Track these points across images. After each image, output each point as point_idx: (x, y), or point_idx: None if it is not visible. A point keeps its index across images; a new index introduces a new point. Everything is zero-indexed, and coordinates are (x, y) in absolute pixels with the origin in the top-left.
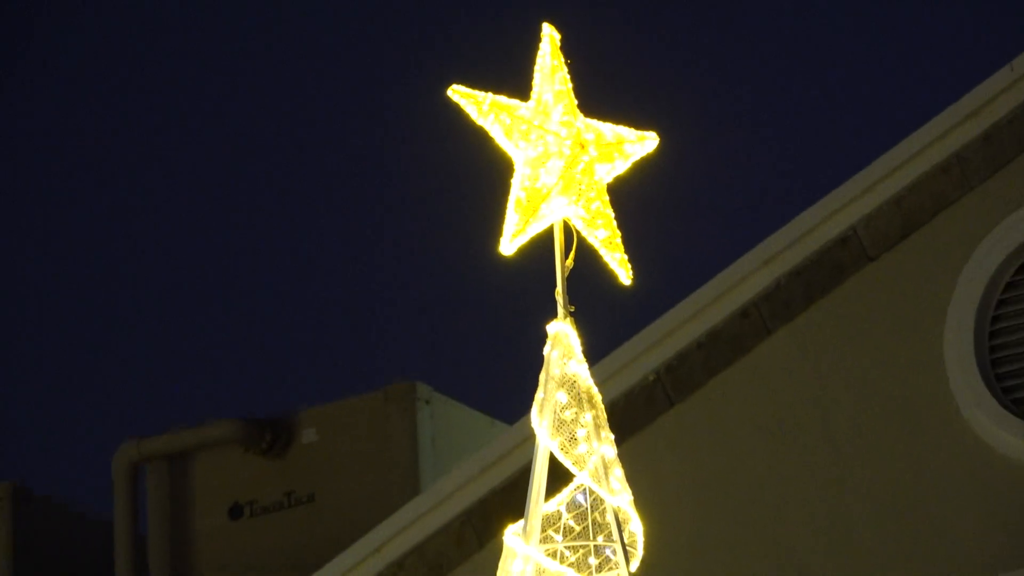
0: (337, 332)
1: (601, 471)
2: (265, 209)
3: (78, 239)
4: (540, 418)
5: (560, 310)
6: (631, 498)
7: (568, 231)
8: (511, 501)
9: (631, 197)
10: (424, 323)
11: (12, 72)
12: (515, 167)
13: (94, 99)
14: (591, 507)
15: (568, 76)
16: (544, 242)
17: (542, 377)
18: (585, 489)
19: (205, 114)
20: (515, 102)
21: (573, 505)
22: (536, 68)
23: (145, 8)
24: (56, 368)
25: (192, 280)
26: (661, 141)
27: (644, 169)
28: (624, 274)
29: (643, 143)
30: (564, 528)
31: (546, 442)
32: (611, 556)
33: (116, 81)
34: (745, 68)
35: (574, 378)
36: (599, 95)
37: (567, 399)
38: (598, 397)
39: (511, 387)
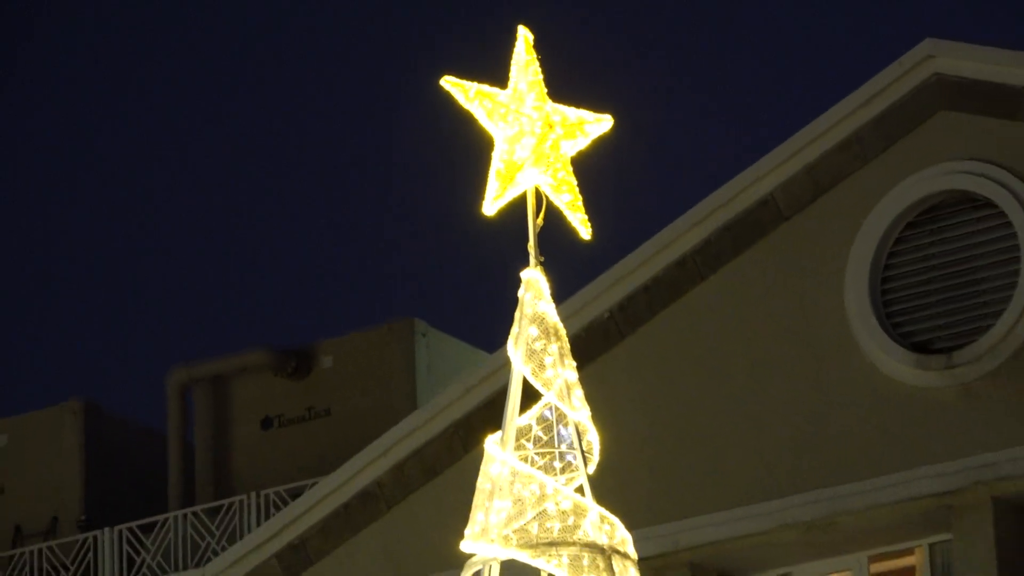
0: (350, 278)
1: (565, 392)
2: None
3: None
4: (515, 348)
5: (532, 260)
6: (589, 413)
7: (538, 195)
8: (491, 416)
9: (590, 167)
10: (421, 270)
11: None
12: (495, 143)
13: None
14: (556, 421)
15: (539, 69)
16: (519, 204)
17: (517, 315)
18: (551, 406)
19: (249, 81)
20: (495, 90)
21: (542, 419)
22: (512, 62)
23: None
24: (121, 304)
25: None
26: (615, 122)
27: (601, 145)
28: (584, 230)
29: (600, 123)
30: (534, 438)
31: (520, 368)
32: (572, 461)
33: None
34: (683, 61)
35: (543, 315)
36: (564, 84)
37: (537, 332)
38: (562, 331)
39: (492, 323)
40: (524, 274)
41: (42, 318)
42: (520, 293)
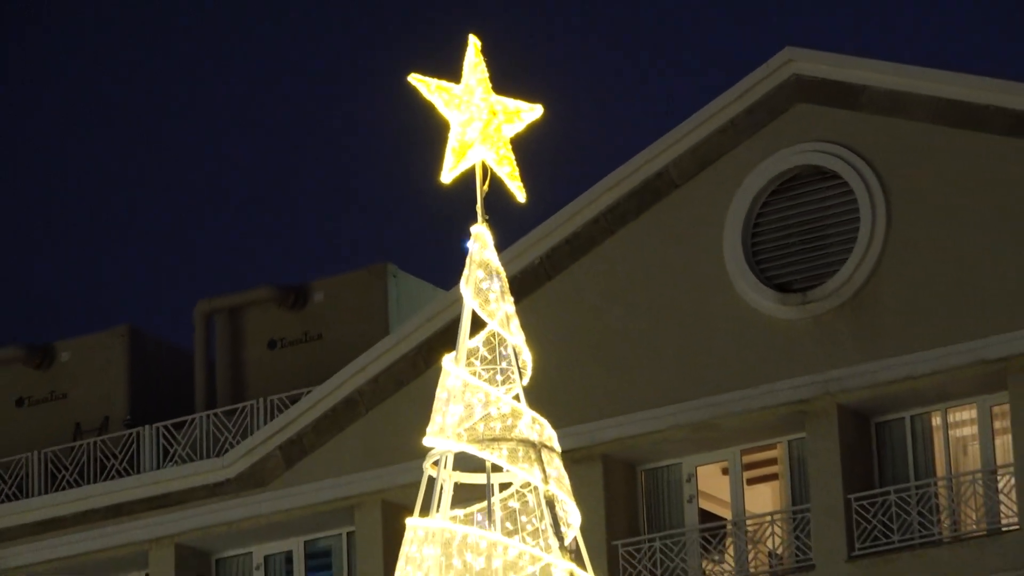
0: (338, 231)
1: (505, 321)
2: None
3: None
4: (466, 287)
5: (479, 217)
6: (523, 338)
7: (484, 167)
8: (447, 339)
9: (525, 145)
10: (393, 224)
11: None
12: (451, 126)
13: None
14: (498, 344)
15: (485, 68)
16: (469, 174)
17: (467, 260)
18: (495, 333)
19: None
20: (451, 85)
21: (487, 343)
22: (465, 63)
23: None
24: (159, 250)
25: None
26: (544, 110)
27: (533, 128)
28: (520, 195)
29: (532, 111)
30: (481, 357)
31: (470, 302)
32: (510, 375)
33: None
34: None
35: (488, 261)
36: (505, 80)
37: (483, 274)
38: (503, 273)
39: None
40: (473, 229)
41: (98, 261)
42: (469, 243)
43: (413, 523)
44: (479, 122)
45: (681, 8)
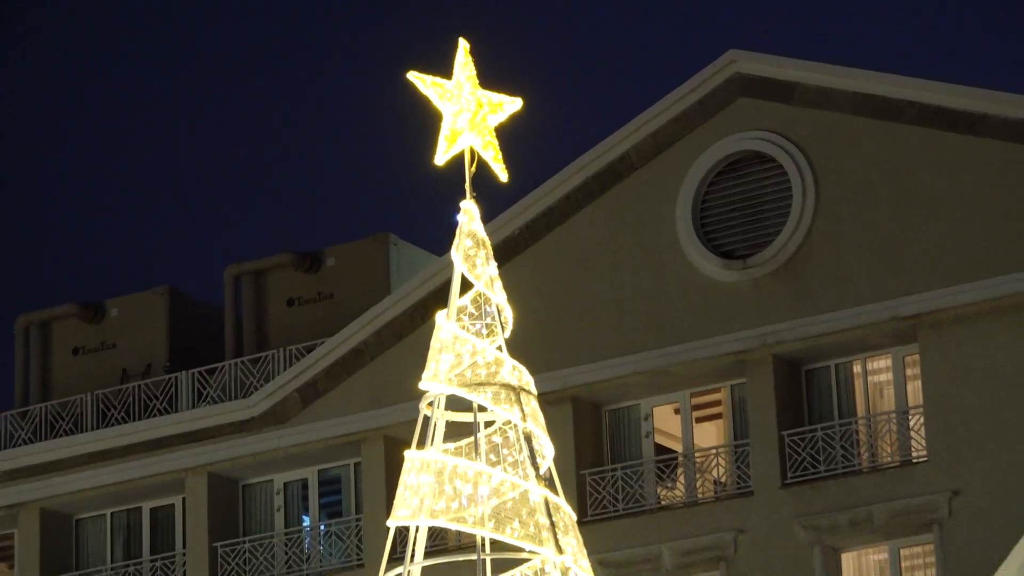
0: (348, 206)
1: (490, 283)
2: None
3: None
4: (456, 253)
5: (468, 194)
6: (505, 297)
7: (472, 152)
8: (440, 298)
9: (507, 133)
10: (395, 200)
11: None
12: (444, 116)
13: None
14: (484, 302)
15: (473, 67)
16: (460, 158)
17: (457, 231)
18: (481, 293)
19: None
20: (444, 81)
21: (474, 301)
22: (455, 63)
23: None
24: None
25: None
26: (523, 104)
27: (515, 118)
28: (503, 175)
29: (513, 104)
30: (469, 313)
31: (459, 266)
32: (495, 329)
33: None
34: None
35: (475, 232)
36: (491, 77)
37: (471, 243)
38: (488, 242)
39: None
40: (463, 204)
41: (144, 230)
42: (459, 217)
43: (411, 455)
44: (467, 113)
45: (642, 16)
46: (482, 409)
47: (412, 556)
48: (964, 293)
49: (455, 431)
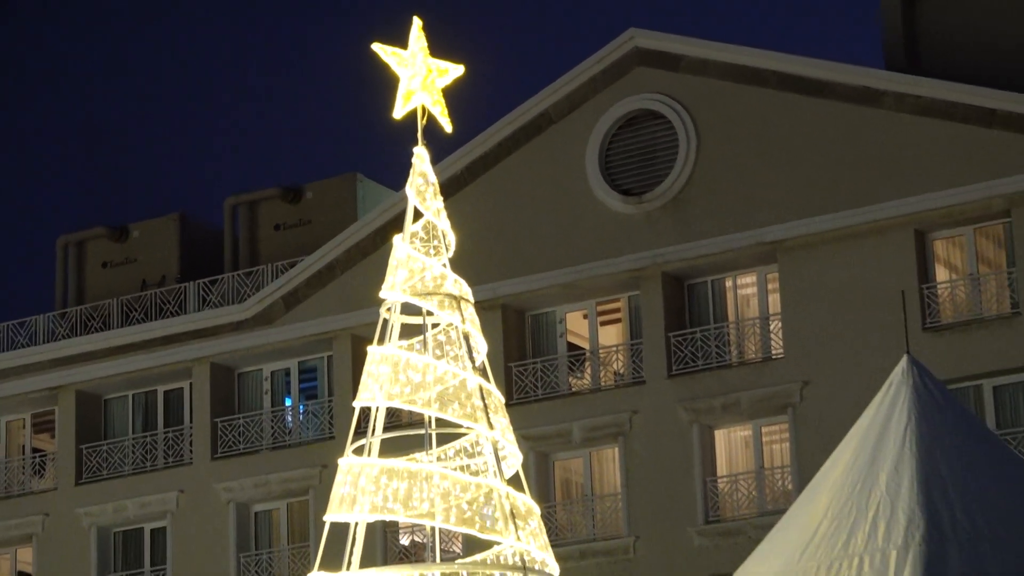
0: (323, 150)
1: (436, 213)
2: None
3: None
4: (410, 189)
5: (420, 141)
6: (449, 224)
7: (423, 108)
8: (397, 225)
9: (453, 93)
10: (362, 144)
11: None
12: (401, 79)
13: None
14: (432, 228)
15: (424, 40)
16: (414, 112)
17: (411, 171)
18: (429, 221)
19: None
20: (402, 51)
21: (424, 227)
22: (410, 37)
23: None
24: (203, 155)
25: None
26: (464, 70)
27: (457, 81)
28: (447, 126)
29: (456, 70)
30: (420, 237)
31: (412, 200)
32: (441, 250)
33: None
34: (502, 33)
35: (425, 172)
36: (439, 47)
37: (422, 181)
38: (435, 180)
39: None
40: (415, 149)
41: (158, 165)
42: (413, 159)
43: (372, 350)
44: (419, 77)
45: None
46: (429, 314)
47: (373, 430)
48: (814, 224)
49: (408, 331)
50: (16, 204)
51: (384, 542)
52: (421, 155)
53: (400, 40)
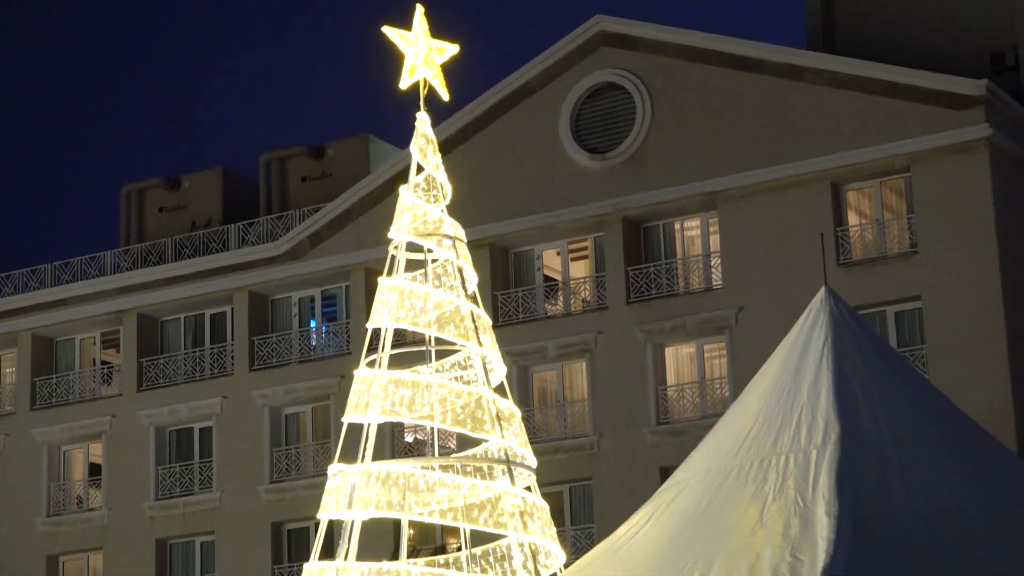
0: (343, 114)
1: (436, 167)
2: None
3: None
4: (414, 147)
5: (421, 108)
6: (447, 177)
7: (424, 80)
8: (403, 177)
9: (450, 67)
10: (374, 109)
11: None
12: (406, 56)
13: None
14: (432, 180)
15: (426, 23)
16: (417, 84)
17: (415, 132)
18: (430, 174)
19: None
20: (407, 32)
21: (426, 180)
22: (414, 21)
23: None
24: (243, 115)
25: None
26: (459, 48)
27: (454, 58)
28: (445, 96)
29: (453, 48)
30: (422, 187)
31: (416, 157)
32: (440, 197)
33: None
34: (489, 19)
35: (427, 132)
36: (439, 29)
37: (424, 141)
38: (435, 140)
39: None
40: (418, 115)
41: (205, 126)
42: (416, 122)
43: (383, 281)
44: (422, 54)
45: None
46: (429, 251)
47: (383, 347)
48: (748, 177)
49: (412, 266)
50: (88, 158)
51: (392, 439)
52: (423, 119)
53: (405, 22)
